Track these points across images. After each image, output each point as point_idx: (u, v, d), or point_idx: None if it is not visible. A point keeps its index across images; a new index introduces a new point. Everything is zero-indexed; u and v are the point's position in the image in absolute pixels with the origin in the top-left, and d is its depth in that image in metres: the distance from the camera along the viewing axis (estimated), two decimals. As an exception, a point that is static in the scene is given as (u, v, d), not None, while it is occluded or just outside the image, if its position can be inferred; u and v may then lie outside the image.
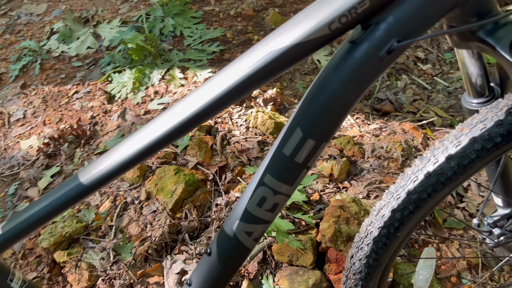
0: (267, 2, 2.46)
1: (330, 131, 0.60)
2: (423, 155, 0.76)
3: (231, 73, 0.55)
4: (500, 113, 0.67)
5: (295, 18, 0.54)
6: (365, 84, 0.58)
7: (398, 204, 0.75)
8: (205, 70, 2.02)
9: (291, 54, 0.53)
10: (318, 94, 0.59)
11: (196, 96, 0.57)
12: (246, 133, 1.71)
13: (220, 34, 2.20)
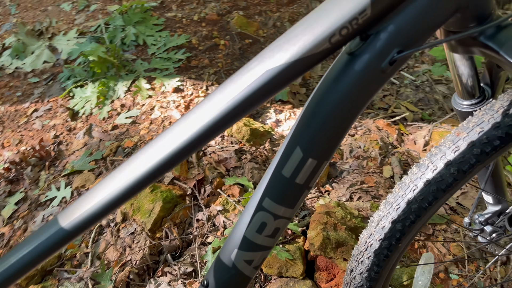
0: (230, 5, 2.41)
1: (332, 149, 0.57)
2: (420, 162, 0.74)
3: (224, 96, 0.50)
4: (496, 115, 0.66)
5: (292, 32, 0.49)
6: (366, 97, 0.54)
7: (399, 215, 0.73)
8: (172, 79, 1.95)
9: (289, 72, 0.49)
10: (317, 110, 0.55)
11: (188, 122, 0.52)
12: (222, 142, 1.66)
13: (185, 41, 2.13)
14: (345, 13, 0.47)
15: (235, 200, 1.44)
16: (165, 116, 1.79)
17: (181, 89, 1.92)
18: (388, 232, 0.75)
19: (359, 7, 0.47)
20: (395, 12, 0.49)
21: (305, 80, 2.15)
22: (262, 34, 2.31)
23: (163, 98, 1.87)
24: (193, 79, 1.98)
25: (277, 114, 1.91)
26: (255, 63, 0.50)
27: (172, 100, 1.85)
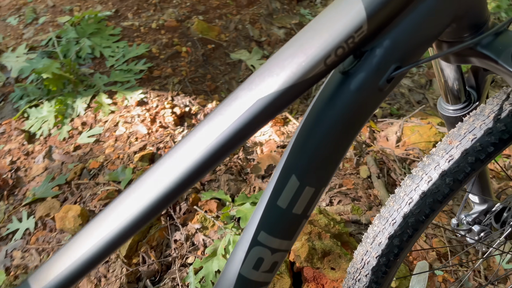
0: (189, 11, 2.33)
1: (330, 174, 0.53)
2: (413, 173, 0.71)
3: (212, 130, 0.45)
4: (488, 121, 0.63)
5: (282, 54, 0.45)
6: (364, 118, 0.50)
7: (395, 230, 0.70)
8: (135, 91, 1.85)
9: (282, 99, 0.44)
10: (312, 135, 0.50)
11: (172, 162, 0.46)
12: (194, 156, 1.59)
13: (145, 50, 2.04)
14: (340, 31, 0.43)
15: (213, 216, 1.38)
16: (130, 132, 1.70)
17: (145, 101, 1.83)
18: (386, 248, 0.71)
19: (355, 24, 0.43)
20: (390, 26, 0.45)
21: (272, 82, 2.11)
22: (224, 38, 2.25)
23: (127, 113, 1.78)
24: (157, 90, 1.89)
25: (247, 120, 1.86)
26: (244, 92, 0.45)
27: (137, 114, 1.76)
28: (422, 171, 0.68)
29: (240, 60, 2.18)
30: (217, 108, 0.46)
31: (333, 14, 0.44)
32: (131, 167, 1.53)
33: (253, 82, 0.45)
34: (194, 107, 1.83)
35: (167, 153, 0.47)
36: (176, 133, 1.69)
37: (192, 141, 0.46)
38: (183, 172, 0.45)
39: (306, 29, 0.45)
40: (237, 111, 0.44)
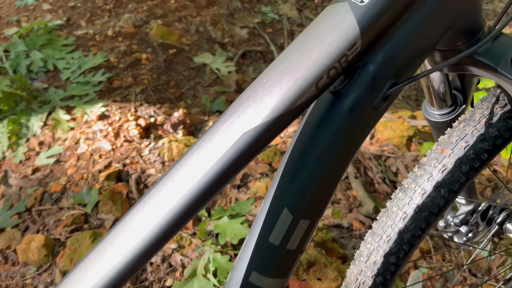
0: (146, 15, 2.23)
1: (325, 204, 0.48)
2: (405, 185, 0.67)
3: (193, 170, 0.39)
4: (479, 126, 0.60)
5: (268, 79, 0.38)
6: (359, 141, 0.45)
7: (391, 247, 0.65)
8: (95, 105, 1.74)
9: (271, 130, 0.38)
10: (302, 163, 0.45)
11: (148, 210, 0.39)
12: (163, 169, 1.51)
13: (103, 60, 1.93)
14: (332, 50, 0.37)
15: (189, 234, 1.30)
16: (93, 149, 1.59)
17: (106, 115, 1.73)
18: (381, 266, 0.67)
19: (348, 41, 0.37)
20: (383, 40, 0.40)
21: (239, 85, 2.05)
22: (186, 42, 2.16)
23: (88, 129, 1.67)
24: (119, 101, 1.79)
25: (216, 126, 1.79)
26: (226, 124, 0.38)
27: (99, 129, 1.65)
28: (414, 183, 0.64)
29: (204, 64, 2.10)
30: (196, 145, 0.40)
31: (322, 30, 0.38)
32: (97, 188, 1.43)
33: (236, 112, 0.38)
34: (159, 117, 1.74)
35: (148, 193, 0.40)
36: (142, 147, 1.60)
37: (170, 186, 0.39)
38: (160, 224, 0.39)
39: (292, 48, 0.39)
40: (220, 148, 0.38)
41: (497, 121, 0.58)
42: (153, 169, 1.51)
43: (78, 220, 1.36)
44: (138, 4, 2.29)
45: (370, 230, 0.69)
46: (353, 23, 0.37)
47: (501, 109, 0.59)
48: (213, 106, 1.90)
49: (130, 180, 1.47)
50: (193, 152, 0.40)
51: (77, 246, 1.27)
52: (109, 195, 1.39)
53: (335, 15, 0.38)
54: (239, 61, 2.20)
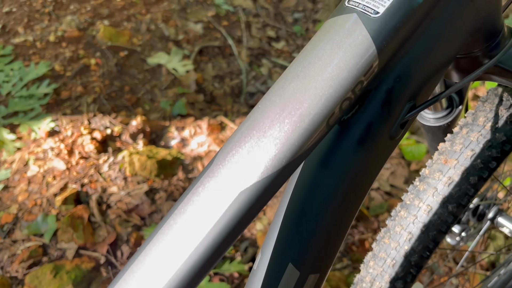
0: (91, 16, 2.05)
1: (335, 252, 0.40)
2: (406, 202, 0.60)
3: (175, 249, 0.30)
4: (485, 132, 0.53)
5: (265, 121, 0.30)
6: (371, 177, 0.37)
7: (397, 272, 0.59)
8: (43, 120, 1.58)
9: (273, 184, 0.30)
10: (307, 209, 0.37)
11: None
12: (126, 186, 1.39)
13: (47, 69, 1.76)
14: (345, 78, 0.29)
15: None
16: (45, 170, 1.44)
17: (57, 131, 1.57)
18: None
19: (364, 65, 0.29)
20: (399, 54, 0.32)
21: (199, 85, 1.94)
22: (137, 43, 2.02)
23: (37, 148, 1.51)
24: (69, 114, 1.64)
25: (180, 132, 1.68)
26: (216, 181, 0.29)
27: (49, 148, 1.50)
28: (417, 199, 0.57)
29: (160, 65, 1.97)
30: (181, 208, 0.31)
31: (329, 51, 0.29)
32: (53, 214, 1.30)
33: (225, 164, 0.30)
34: (116, 127, 1.61)
35: (128, 267, 0.31)
36: (100, 163, 1.46)
37: (150, 265, 0.30)
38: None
39: (291, 76, 0.30)
40: (214, 211, 0.29)
41: (504, 125, 0.52)
42: (115, 186, 1.38)
43: (35, 253, 1.22)
44: (80, 4, 2.11)
45: (371, 252, 0.63)
46: (367, 40, 0.29)
47: (507, 111, 0.53)
48: (174, 110, 1.78)
49: (91, 201, 1.34)
50: (174, 222, 0.30)
51: (37, 283, 1.14)
52: (68, 221, 1.26)
53: (343, 31, 0.30)
54: (197, 58, 2.09)
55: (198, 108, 1.84)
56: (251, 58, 2.20)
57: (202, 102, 1.87)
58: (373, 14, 0.29)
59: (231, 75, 2.10)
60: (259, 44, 2.31)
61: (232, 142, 0.31)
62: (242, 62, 2.15)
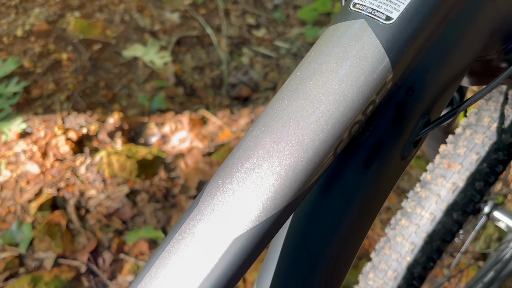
0: (60, 8, 1.95)
1: (341, 281, 0.36)
2: (407, 209, 0.56)
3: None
4: (490, 133, 0.49)
5: (260, 151, 0.24)
6: (381, 200, 0.33)
7: (399, 284, 0.55)
8: (13, 121, 1.50)
9: (272, 227, 0.25)
10: (310, 239, 0.33)
11: None
12: (106, 189, 1.32)
13: (15, 66, 1.66)
14: (355, 98, 0.24)
15: (146, 261, 1.15)
16: (18, 175, 1.36)
17: (28, 132, 1.49)
18: (389, 307, 0.57)
19: (376, 81, 0.24)
20: (413, 64, 0.27)
21: (178, 77, 1.87)
22: (111, 35, 1.92)
23: (8, 151, 1.43)
24: (42, 114, 1.55)
25: (159, 128, 1.61)
26: (205, 226, 0.24)
27: (22, 150, 1.42)
28: (419, 207, 0.53)
29: (136, 58, 1.88)
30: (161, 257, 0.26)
31: (335, 66, 0.24)
32: (29, 222, 1.22)
33: (218, 204, 0.25)
34: (92, 126, 1.53)
35: None
36: (77, 165, 1.39)
37: None
38: None
39: (290, 97, 0.25)
40: (201, 264, 0.24)
41: (511, 125, 0.48)
42: (94, 189, 1.32)
43: (11, 265, 1.15)
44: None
45: (370, 263, 0.59)
46: (379, 52, 0.24)
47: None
48: (152, 105, 1.71)
49: (68, 206, 1.27)
50: (155, 274, 0.25)
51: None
52: (45, 229, 1.19)
53: (349, 41, 0.24)
54: (174, 49, 2.01)
55: (178, 102, 1.77)
56: (231, 47, 2.13)
57: (182, 95, 1.80)
58: (385, 20, 0.24)
59: (211, 65, 2.03)
60: (239, 33, 2.23)
61: (222, 175, 0.26)
62: (222, 52, 2.08)
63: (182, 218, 0.26)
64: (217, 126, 1.63)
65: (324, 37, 0.26)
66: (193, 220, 0.25)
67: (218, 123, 1.63)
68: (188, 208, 0.26)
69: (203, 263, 0.24)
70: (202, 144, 1.49)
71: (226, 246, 0.24)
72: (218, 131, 1.60)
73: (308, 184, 0.25)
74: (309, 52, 0.27)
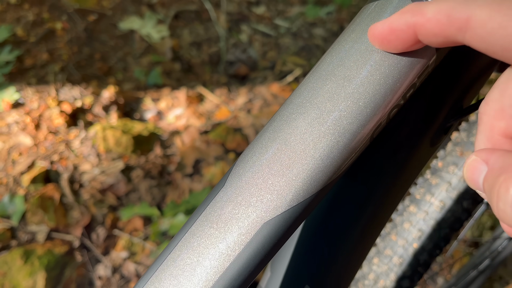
0: (55, -25, 1.88)
1: (356, 271, 0.36)
2: (416, 196, 0.56)
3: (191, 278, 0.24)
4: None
5: (294, 132, 0.23)
6: (404, 189, 0.32)
7: (404, 271, 0.55)
8: (5, 91, 1.45)
9: (305, 211, 0.24)
10: (332, 226, 0.32)
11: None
12: (100, 163, 1.30)
13: (8, 34, 1.60)
14: (399, 81, 0.22)
15: (141, 237, 1.14)
16: (10, 146, 1.33)
17: (21, 103, 1.45)
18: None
19: (421, 63, 0.22)
20: (454, 47, 0.26)
21: (175, 52, 1.83)
22: (107, 6, 1.87)
23: (0, 121, 1.39)
24: (35, 84, 1.51)
25: (156, 103, 1.58)
26: (233, 208, 0.23)
27: (14, 121, 1.38)
28: (429, 194, 0.53)
29: (132, 30, 1.84)
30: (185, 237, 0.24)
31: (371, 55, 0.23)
32: (21, 195, 1.20)
33: (248, 187, 0.23)
34: (87, 98, 1.49)
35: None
36: (71, 138, 1.36)
37: None
38: None
39: (324, 74, 0.23)
40: (229, 247, 0.23)
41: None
42: (88, 164, 1.29)
43: (3, 237, 1.14)
44: (43, -39, 1.92)
45: (374, 248, 0.58)
46: None
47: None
48: (149, 80, 1.68)
49: (62, 180, 1.25)
50: (178, 255, 0.24)
51: (6, 269, 1.06)
52: (38, 202, 1.17)
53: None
54: (172, 23, 1.96)
55: (174, 78, 1.73)
56: (230, 23, 2.08)
57: (178, 71, 1.77)
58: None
59: (209, 42, 1.99)
60: (239, 9, 2.19)
61: (250, 157, 0.24)
62: (220, 28, 2.04)
63: (206, 199, 0.25)
64: (214, 104, 1.60)
65: (363, 14, 0.24)
66: (220, 202, 0.24)
67: (215, 101, 1.61)
68: (213, 190, 0.25)
69: (229, 247, 0.23)
70: (198, 122, 1.47)
71: (255, 230, 0.23)
72: (215, 109, 1.57)
73: (342, 169, 0.23)
74: (346, 29, 0.25)
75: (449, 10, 0.18)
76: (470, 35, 0.18)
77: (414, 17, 0.19)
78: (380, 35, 0.21)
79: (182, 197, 1.23)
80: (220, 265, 0.23)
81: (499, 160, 0.18)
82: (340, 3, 2.19)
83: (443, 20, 0.18)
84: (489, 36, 0.17)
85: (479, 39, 0.17)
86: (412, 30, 0.20)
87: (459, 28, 0.18)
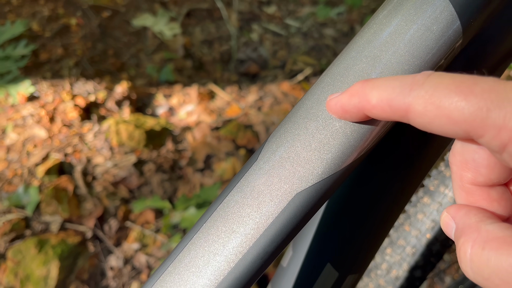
0: (70, -29, 1.91)
1: (376, 252, 0.37)
2: (430, 187, 0.57)
3: (225, 245, 0.25)
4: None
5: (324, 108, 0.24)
6: (425, 170, 0.33)
7: (417, 261, 0.56)
8: (21, 84, 1.48)
9: (334, 184, 0.25)
10: (354, 206, 0.34)
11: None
12: (113, 157, 1.32)
13: (24, 29, 1.63)
14: (425, 62, 0.24)
15: (152, 229, 1.16)
16: (25, 138, 1.36)
17: (36, 96, 1.47)
18: (405, 282, 0.58)
19: (447, 44, 0.24)
20: (480, 30, 0.27)
21: (187, 50, 1.85)
22: (121, 3, 1.89)
23: (15, 114, 1.42)
24: (50, 78, 1.54)
25: (167, 99, 1.60)
26: (266, 179, 0.25)
27: (29, 114, 1.41)
28: (443, 186, 0.54)
29: (145, 27, 1.86)
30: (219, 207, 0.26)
31: (404, 25, 0.24)
32: (35, 185, 1.23)
33: (281, 160, 0.25)
34: (100, 93, 1.52)
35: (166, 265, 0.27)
36: (85, 131, 1.39)
37: (204, 255, 0.25)
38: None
39: (353, 55, 0.25)
40: (261, 216, 0.24)
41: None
42: (101, 157, 1.32)
43: (18, 226, 1.16)
44: (58, -42, 1.95)
45: (387, 238, 0.59)
46: (451, 16, 0.24)
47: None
48: (161, 76, 1.70)
49: (75, 172, 1.27)
50: (213, 225, 0.25)
51: (21, 258, 1.08)
52: (52, 193, 1.20)
53: (421, 3, 0.24)
54: (184, 21, 1.98)
55: (186, 75, 1.75)
56: (241, 22, 2.10)
57: (190, 68, 1.79)
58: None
59: (220, 40, 2.01)
60: (250, 8, 2.20)
61: (283, 133, 0.26)
62: (232, 27, 2.06)
63: (240, 172, 0.26)
64: (225, 101, 1.62)
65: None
66: (253, 175, 0.25)
67: (226, 98, 1.62)
68: (245, 164, 0.26)
69: (263, 215, 0.24)
70: (209, 118, 1.49)
71: (287, 200, 0.24)
72: (226, 107, 1.59)
73: (371, 145, 0.25)
74: (376, 13, 0.26)
75: (389, 100, 0.19)
76: (412, 121, 0.19)
77: (361, 103, 0.21)
78: (335, 112, 0.23)
79: (193, 191, 1.24)
80: (254, 233, 0.24)
81: (461, 220, 0.19)
82: (351, 3, 2.20)
83: (386, 109, 0.20)
84: (429, 124, 0.18)
85: (420, 125, 0.19)
86: (361, 111, 0.21)
87: (402, 115, 0.19)
